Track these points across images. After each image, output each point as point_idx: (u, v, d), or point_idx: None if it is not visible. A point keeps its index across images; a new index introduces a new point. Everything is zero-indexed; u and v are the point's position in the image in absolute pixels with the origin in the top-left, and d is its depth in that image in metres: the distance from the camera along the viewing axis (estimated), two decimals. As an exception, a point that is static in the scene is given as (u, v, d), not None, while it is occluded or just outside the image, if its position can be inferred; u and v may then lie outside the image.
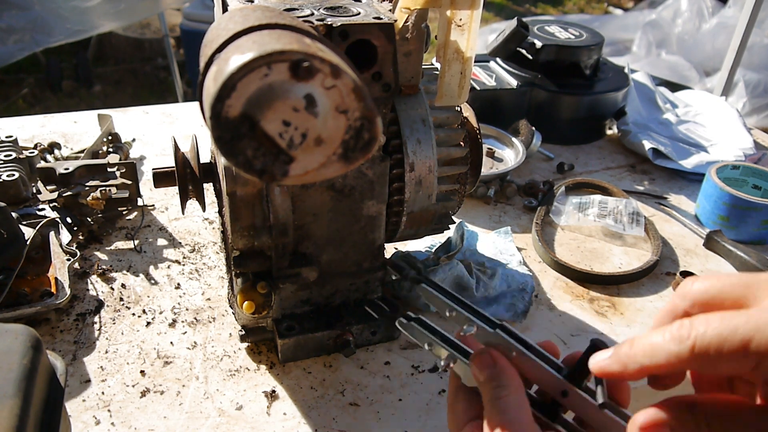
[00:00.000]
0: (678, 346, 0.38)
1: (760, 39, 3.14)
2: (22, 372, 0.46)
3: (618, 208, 1.08)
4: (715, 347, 0.36)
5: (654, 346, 0.40)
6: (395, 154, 0.72)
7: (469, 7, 0.66)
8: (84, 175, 0.99)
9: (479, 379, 0.48)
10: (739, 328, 0.36)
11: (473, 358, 0.49)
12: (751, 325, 0.36)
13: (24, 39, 2.58)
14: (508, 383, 0.46)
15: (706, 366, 0.38)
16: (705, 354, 0.37)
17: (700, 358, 0.37)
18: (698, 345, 0.37)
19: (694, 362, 0.38)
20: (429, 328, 0.53)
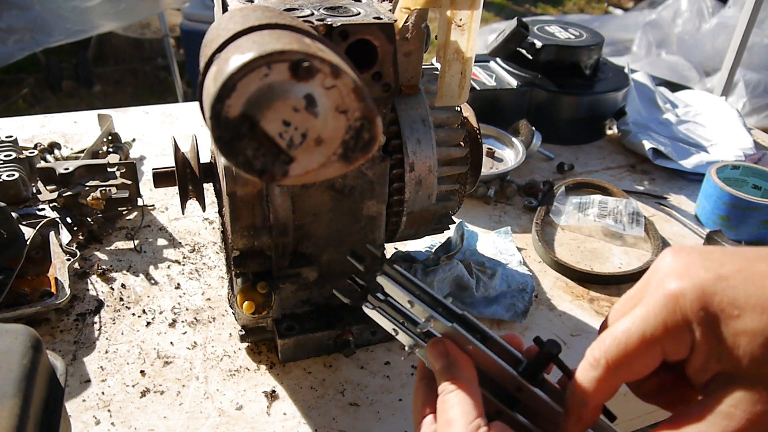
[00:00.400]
0: (597, 370, 0.43)
1: (760, 39, 3.14)
2: (22, 372, 0.46)
3: (618, 208, 1.08)
4: (622, 354, 0.42)
5: (580, 380, 0.44)
6: (395, 154, 0.72)
7: (469, 7, 0.66)
8: (84, 175, 0.99)
9: (434, 367, 0.49)
10: (632, 327, 0.41)
11: (428, 347, 0.50)
12: (640, 319, 0.41)
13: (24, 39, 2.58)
14: (459, 375, 0.47)
15: (626, 374, 0.42)
16: (617, 365, 0.42)
17: (616, 370, 0.42)
18: (609, 359, 0.42)
19: (614, 377, 0.43)
20: (395, 312, 0.52)
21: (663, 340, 0.40)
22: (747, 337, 0.37)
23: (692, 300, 0.39)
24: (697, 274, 0.40)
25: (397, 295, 0.52)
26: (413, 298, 0.51)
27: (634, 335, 0.41)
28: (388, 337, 0.82)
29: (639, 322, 0.41)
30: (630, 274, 0.96)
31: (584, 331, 0.87)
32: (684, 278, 0.40)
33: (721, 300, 0.38)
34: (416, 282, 0.52)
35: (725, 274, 0.39)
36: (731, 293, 0.38)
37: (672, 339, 0.40)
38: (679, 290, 0.40)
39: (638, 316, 0.41)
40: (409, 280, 0.52)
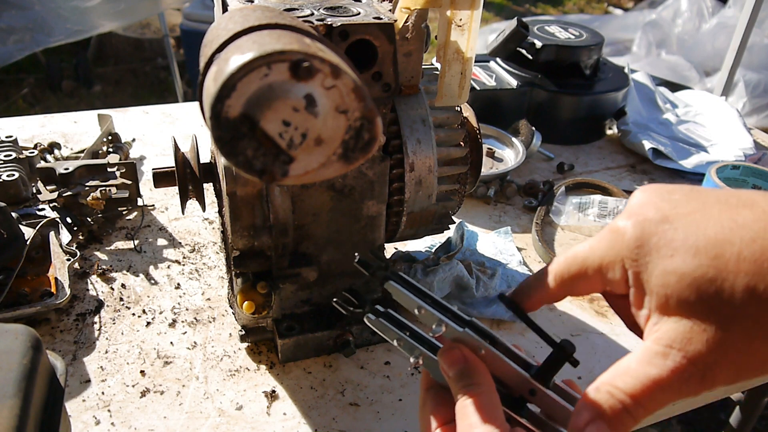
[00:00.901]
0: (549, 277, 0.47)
1: (760, 39, 3.14)
2: (22, 372, 0.46)
3: (618, 208, 1.08)
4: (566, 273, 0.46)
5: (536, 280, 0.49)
6: (395, 154, 0.72)
7: (469, 7, 0.66)
8: (84, 175, 0.99)
9: (448, 374, 0.48)
10: (579, 253, 0.45)
11: (441, 353, 0.49)
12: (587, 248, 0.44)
13: (24, 39, 2.58)
14: (479, 381, 0.46)
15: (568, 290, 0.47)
16: (561, 281, 0.46)
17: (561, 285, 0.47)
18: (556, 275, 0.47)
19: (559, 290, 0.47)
20: (398, 323, 0.52)
21: (600, 272, 0.43)
22: (676, 277, 0.38)
23: (629, 239, 0.41)
24: (644, 214, 0.41)
25: (407, 301, 0.51)
26: (423, 304, 0.50)
27: (577, 261, 0.45)
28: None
29: (584, 250, 0.45)
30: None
31: (584, 331, 0.87)
32: (632, 217, 0.41)
33: (658, 241, 0.39)
34: (423, 289, 0.52)
35: (673, 215, 0.40)
36: (670, 235, 0.39)
37: (608, 273, 0.43)
38: (622, 228, 0.42)
39: (587, 245, 0.45)
40: (416, 288, 0.52)
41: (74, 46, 3.39)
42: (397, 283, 0.52)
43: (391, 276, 0.52)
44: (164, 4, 3.03)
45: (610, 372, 0.41)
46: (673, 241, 0.39)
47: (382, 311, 0.53)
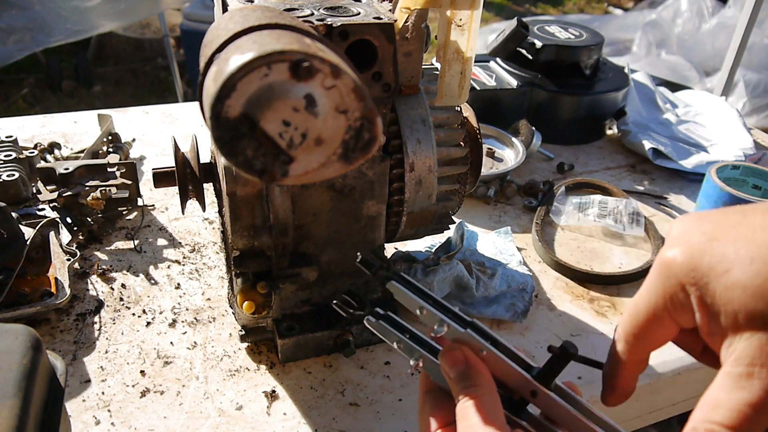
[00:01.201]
0: (621, 344, 0.46)
1: (760, 39, 3.14)
2: (22, 372, 0.46)
3: (618, 208, 1.08)
4: (638, 331, 0.44)
5: (611, 357, 0.47)
6: (395, 154, 0.72)
7: (469, 7, 0.66)
8: (84, 175, 0.99)
9: (449, 375, 0.47)
10: (639, 302, 0.43)
11: (443, 354, 0.49)
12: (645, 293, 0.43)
13: (24, 39, 2.58)
14: (481, 382, 0.46)
15: (649, 345, 0.44)
16: (636, 340, 0.44)
17: (639, 343, 0.44)
18: (628, 337, 0.45)
19: (637, 347, 0.45)
20: (398, 326, 0.52)
21: (668, 309, 0.41)
22: (738, 290, 0.37)
23: (681, 264, 0.40)
24: (690, 239, 0.40)
25: (409, 302, 0.51)
26: (425, 305, 0.50)
27: (641, 307, 0.43)
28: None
29: (644, 293, 0.43)
30: (630, 274, 0.96)
31: (584, 331, 0.87)
32: (677, 244, 0.41)
33: (710, 259, 0.38)
34: (424, 290, 0.52)
35: (718, 233, 0.40)
36: (720, 250, 0.38)
37: (675, 306, 0.41)
38: (671, 257, 0.41)
39: (644, 287, 0.43)
40: (418, 288, 0.51)
41: (74, 46, 3.39)
42: (398, 283, 0.52)
43: (392, 276, 0.52)
44: (164, 4, 3.03)
45: (701, 409, 0.39)
46: (726, 255, 0.38)
47: (382, 314, 0.53)
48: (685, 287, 0.40)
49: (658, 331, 0.43)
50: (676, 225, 0.43)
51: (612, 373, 0.47)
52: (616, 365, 0.46)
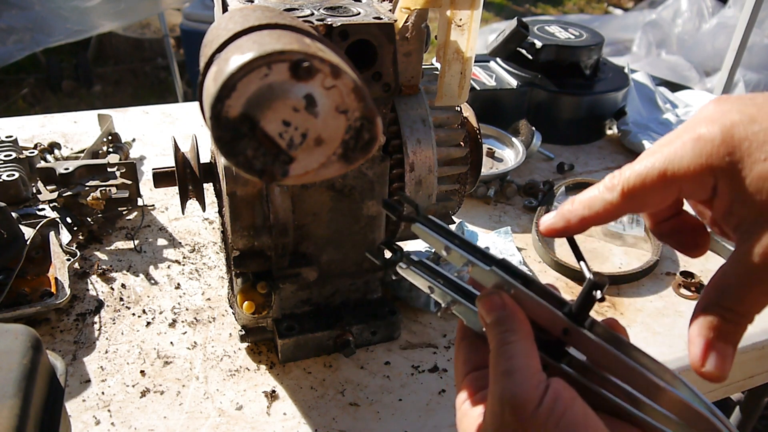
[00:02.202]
0: (611, 194, 0.43)
1: (760, 39, 3.13)
2: (22, 372, 0.46)
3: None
4: (639, 185, 0.42)
5: (591, 199, 0.45)
6: (395, 154, 0.72)
7: (469, 7, 0.66)
8: (84, 175, 0.99)
9: (486, 321, 0.46)
10: (656, 163, 0.41)
11: (480, 298, 0.47)
12: (665, 157, 0.40)
13: (24, 39, 2.58)
14: (517, 328, 0.44)
15: (638, 204, 0.43)
16: (632, 194, 0.42)
17: (630, 198, 0.42)
18: (625, 187, 0.42)
19: (627, 204, 0.43)
20: (430, 270, 0.50)
21: (682, 180, 0.40)
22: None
23: (719, 145, 0.38)
24: (729, 118, 0.38)
25: (433, 243, 0.49)
26: (450, 245, 0.48)
27: (655, 170, 0.41)
28: (388, 337, 0.82)
29: (663, 159, 0.41)
30: (630, 274, 0.96)
31: (584, 331, 0.87)
32: (716, 123, 0.38)
33: (750, 144, 0.37)
34: (451, 231, 0.50)
35: (761, 116, 0.37)
36: (762, 137, 0.37)
37: (692, 181, 0.40)
38: (708, 134, 0.38)
39: (663, 155, 0.41)
40: (444, 230, 0.50)
41: (74, 46, 3.39)
42: (424, 225, 0.50)
43: (417, 218, 0.50)
44: (164, 4, 3.03)
45: (713, 291, 0.40)
46: (766, 143, 0.36)
47: (415, 260, 0.51)
48: (714, 169, 0.38)
49: (658, 196, 0.42)
50: (711, 104, 0.41)
51: (579, 212, 0.45)
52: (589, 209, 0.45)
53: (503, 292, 0.46)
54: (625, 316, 0.90)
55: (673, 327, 0.88)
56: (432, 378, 0.78)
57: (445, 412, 0.73)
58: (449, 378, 0.78)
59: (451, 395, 0.75)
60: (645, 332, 0.87)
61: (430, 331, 0.84)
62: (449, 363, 0.80)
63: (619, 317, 0.90)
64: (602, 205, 0.44)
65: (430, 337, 0.84)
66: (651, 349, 0.83)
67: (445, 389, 0.76)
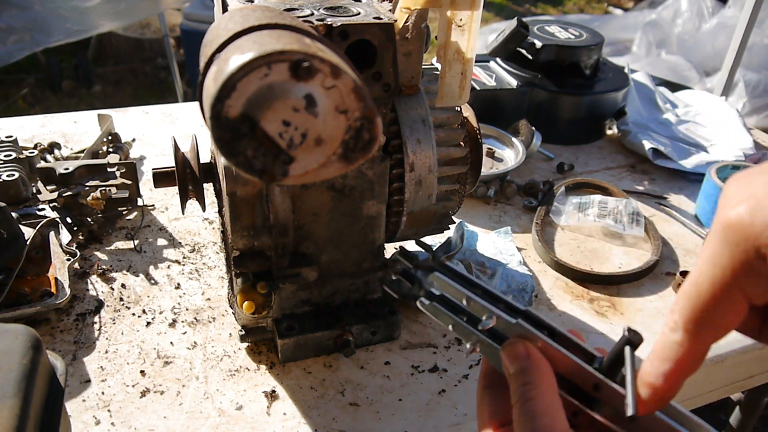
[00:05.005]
0: (676, 334, 0.37)
1: (760, 39, 3.13)
2: (22, 372, 0.46)
3: (618, 208, 1.08)
4: (700, 313, 0.35)
5: (661, 350, 0.38)
6: (395, 154, 0.72)
7: (470, 8, 0.66)
8: (84, 175, 0.99)
9: (509, 371, 0.44)
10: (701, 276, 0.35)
11: (504, 348, 0.45)
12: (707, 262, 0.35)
13: (24, 39, 2.58)
14: (539, 380, 0.42)
15: (714, 332, 0.36)
16: (698, 326, 0.36)
17: (699, 331, 0.36)
18: (687, 323, 0.36)
19: (700, 336, 0.36)
20: (453, 307, 0.49)
21: (740, 281, 0.34)
22: None
23: (753, 221, 0.33)
24: (755, 192, 0.34)
25: (454, 293, 0.48)
26: (471, 296, 0.47)
27: (704, 285, 0.35)
28: (388, 337, 0.82)
29: (706, 268, 0.35)
30: (630, 274, 0.96)
31: (584, 331, 0.87)
32: (743, 201, 0.34)
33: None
34: (472, 279, 0.49)
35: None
36: None
37: (749, 276, 0.34)
38: (737, 216, 0.34)
39: (703, 260, 0.35)
40: (464, 278, 0.49)
41: (74, 46, 3.39)
42: (443, 273, 0.49)
43: (436, 267, 0.50)
44: (164, 4, 3.03)
45: None
46: None
47: (436, 294, 0.50)
48: (760, 249, 0.33)
49: (728, 311, 0.35)
50: (729, 184, 0.36)
51: (659, 370, 0.38)
52: (666, 361, 0.38)
53: (528, 342, 0.44)
54: (625, 316, 0.90)
55: (673, 327, 0.88)
56: (432, 378, 0.78)
57: (445, 412, 0.73)
58: (449, 378, 0.78)
59: (451, 395, 0.75)
60: (645, 332, 0.86)
61: (430, 331, 0.84)
62: (449, 363, 0.80)
63: (619, 317, 0.90)
64: (676, 350, 0.37)
65: (430, 337, 0.84)
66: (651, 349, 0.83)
67: (445, 389, 0.76)
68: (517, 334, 0.46)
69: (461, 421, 0.72)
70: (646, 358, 0.40)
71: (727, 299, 0.35)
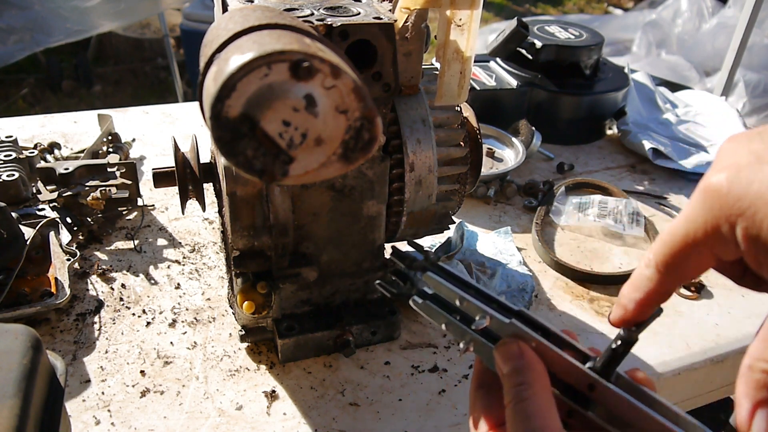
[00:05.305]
0: (649, 270, 0.41)
1: (760, 39, 3.13)
2: (22, 372, 0.46)
3: (618, 208, 1.08)
4: (670, 256, 0.39)
5: (635, 278, 0.43)
6: (395, 154, 0.72)
7: (469, 7, 0.66)
8: (84, 175, 0.99)
9: (502, 371, 0.44)
10: (677, 227, 0.38)
11: (497, 348, 0.45)
12: (685, 218, 0.38)
13: (24, 39, 2.58)
14: (533, 380, 0.42)
15: (679, 275, 0.40)
16: (667, 267, 0.40)
17: (667, 272, 0.40)
18: (658, 262, 0.40)
19: (667, 278, 0.40)
20: (446, 306, 0.49)
21: (707, 241, 0.37)
22: None
23: (727, 191, 0.35)
24: (737, 161, 0.35)
25: (447, 293, 0.49)
26: (465, 296, 0.48)
27: (678, 237, 0.38)
28: (388, 337, 0.82)
29: (682, 221, 0.38)
30: (630, 274, 0.96)
31: (584, 331, 0.87)
32: (724, 168, 0.36)
33: (759, 185, 0.34)
34: (466, 279, 0.49)
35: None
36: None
37: (717, 239, 0.36)
38: (716, 183, 0.35)
39: (682, 215, 0.38)
40: (457, 278, 0.49)
41: (74, 46, 3.39)
42: (436, 274, 0.49)
43: (429, 267, 0.50)
44: (164, 4, 3.03)
45: (759, 345, 0.36)
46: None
47: (429, 293, 0.50)
48: (730, 218, 0.35)
49: (694, 262, 0.38)
50: (723, 145, 0.38)
51: (631, 296, 0.42)
52: (638, 291, 0.42)
53: (521, 342, 0.45)
54: (625, 316, 0.90)
55: (673, 327, 0.88)
56: (432, 378, 0.78)
57: (445, 412, 0.73)
58: (449, 378, 0.78)
59: (451, 395, 0.75)
60: (645, 332, 0.87)
61: (430, 331, 0.84)
62: (449, 363, 0.80)
63: (619, 317, 0.90)
64: (646, 283, 0.41)
65: (430, 337, 0.84)
66: (651, 349, 0.84)
67: (445, 389, 0.76)
68: (510, 334, 0.46)
69: (461, 421, 0.72)
70: (625, 284, 0.44)
71: (694, 253, 0.38)
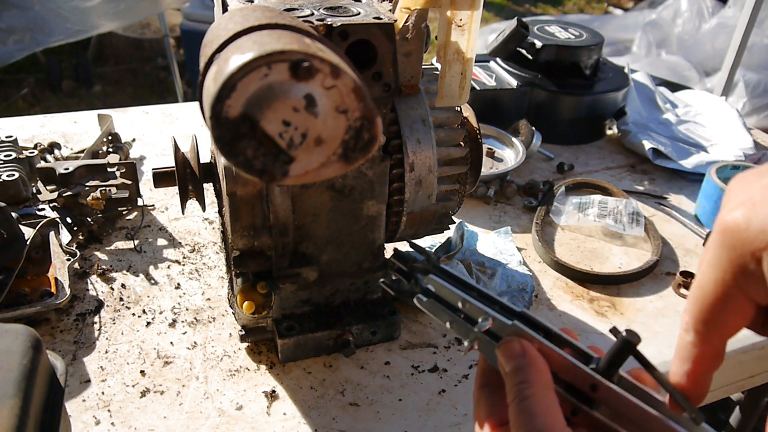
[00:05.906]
0: (689, 334, 0.39)
1: (760, 39, 3.13)
2: (22, 372, 0.46)
3: (618, 208, 1.08)
4: (708, 315, 0.37)
5: (680, 351, 0.40)
6: (395, 154, 0.72)
7: (469, 8, 0.66)
8: (84, 175, 0.99)
9: (505, 369, 0.44)
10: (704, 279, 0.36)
11: (500, 346, 0.45)
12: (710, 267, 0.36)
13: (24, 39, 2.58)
14: (535, 378, 0.42)
15: (720, 329, 0.37)
16: (706, 322, 0.37)
17: (707, 327, 0.37)
18: (696, 319, 0.38)
19: (709, 335, 0.38)
20: (450, 305, 0.49)
21: (737, 283, 0.35)
22: None
23: (748, 225, 0.34)
24: (751, 198, 0.34)
25: (450, 295, 0.49)
26: (467, 298, 0.48)
27: (707, 287, 0.36)
28: (388, 337, 0.82)
29: (707, 270, 0.36)
30: (630, 274, 0.96)
31: (584, 331, 0.87)
32: (739, 206, 0.35)
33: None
34: (468, 281, 0.49)
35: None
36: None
37: (747, 279, 0.34)
38: (734, 220, 0.34)
39: (705, 264, 0.36)
40: (459, 280, 0.49)
41: (74, 46, 3.39)
42: (438, 276, 0.49)
43: (431, 269, 0.50)
44: (164, 4, 3.03)
45: None
46: None
47: (432, 292, 0.50)
48: (755, 253, 0.33)
49: (732, 311, 0.36)
50: (731, 185, 0.37)
51: (681, 371, 0.40)
52: (686, 362, 0.39)
53: (524, 340, 0.45)
54: (625, 316, 0.90)
55: (673, 327, 0.88)
56: (432, 378, 0.78)
57: (445, 412, 0.73)
58: (449, 378, 0.78)
59: (451, 395, 0.75)
60: (645, 332, 0.87)
61: (430, 331, 0.84)
62: (449, 363, 0.80)
63: (619, 317, 0.90)
64: (691, 350, 0.39)
65: (430, 337, 0.84)
66: (651, 349, 0.84)
67: (445, 389, 0.76)
68: (516, 335, 0.46)
69: (461, 421, 0.72)
70: (673, 357, 0.41)
71: (729, 301, 0.36)
